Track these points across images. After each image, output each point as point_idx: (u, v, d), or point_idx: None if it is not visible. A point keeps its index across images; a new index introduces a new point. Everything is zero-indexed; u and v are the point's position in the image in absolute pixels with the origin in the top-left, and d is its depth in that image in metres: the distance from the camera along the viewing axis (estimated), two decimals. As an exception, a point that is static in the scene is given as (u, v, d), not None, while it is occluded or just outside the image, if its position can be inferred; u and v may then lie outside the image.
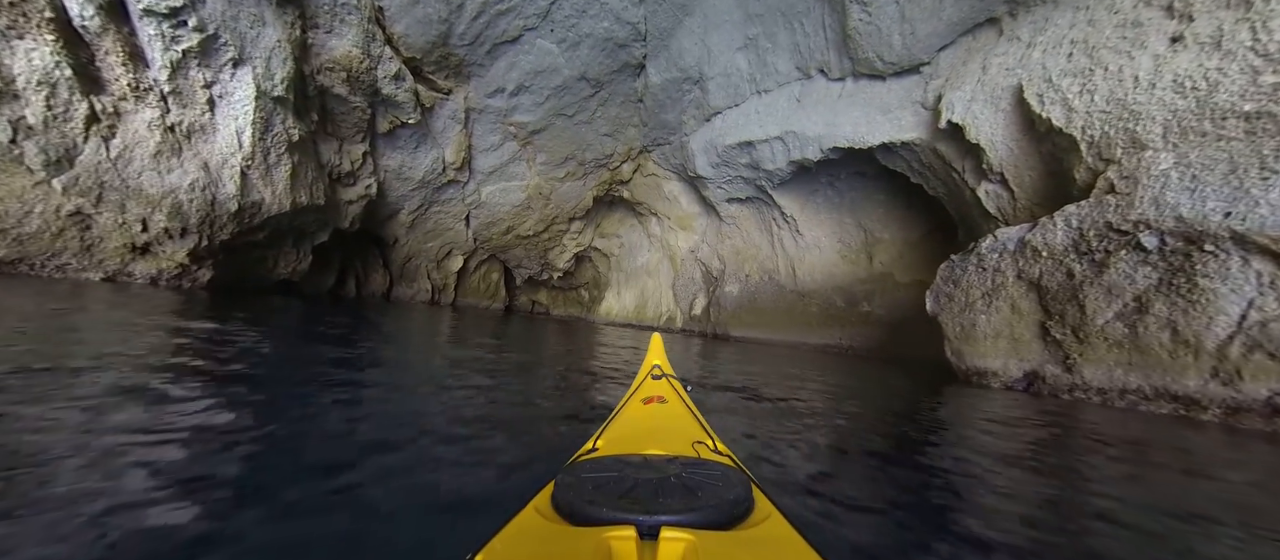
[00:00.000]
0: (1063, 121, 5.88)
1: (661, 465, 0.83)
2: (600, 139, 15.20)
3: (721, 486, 0.73)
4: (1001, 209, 7.21)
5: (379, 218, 14.49)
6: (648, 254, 17.60)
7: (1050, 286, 5.39)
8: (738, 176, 13.15)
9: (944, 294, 6.73)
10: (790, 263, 13.03)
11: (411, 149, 13.23)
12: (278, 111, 8.98)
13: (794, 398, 4.01)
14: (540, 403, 3.01)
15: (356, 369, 3.37)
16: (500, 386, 3.31)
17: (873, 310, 11.71)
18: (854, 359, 10.27)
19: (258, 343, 3.80)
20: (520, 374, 4.02)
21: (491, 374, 3.78)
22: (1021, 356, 5.61)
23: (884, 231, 11.61)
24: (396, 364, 3.85)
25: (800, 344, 12.50)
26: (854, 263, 12.15)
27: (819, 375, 6.21)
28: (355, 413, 2.27)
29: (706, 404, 3.27)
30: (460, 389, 3.11)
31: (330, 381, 2.91)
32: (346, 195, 12.20)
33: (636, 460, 0.86)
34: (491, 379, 3.55)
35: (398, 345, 5.03)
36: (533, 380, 3.80)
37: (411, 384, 3.13)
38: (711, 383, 4.46)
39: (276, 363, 3.26)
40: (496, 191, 16.02)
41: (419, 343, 5.50)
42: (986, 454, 2.72)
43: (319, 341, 4.56)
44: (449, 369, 3.83)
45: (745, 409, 3.41)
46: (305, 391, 2.59)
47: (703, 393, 3.75)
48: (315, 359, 3.59)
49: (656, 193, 16.12)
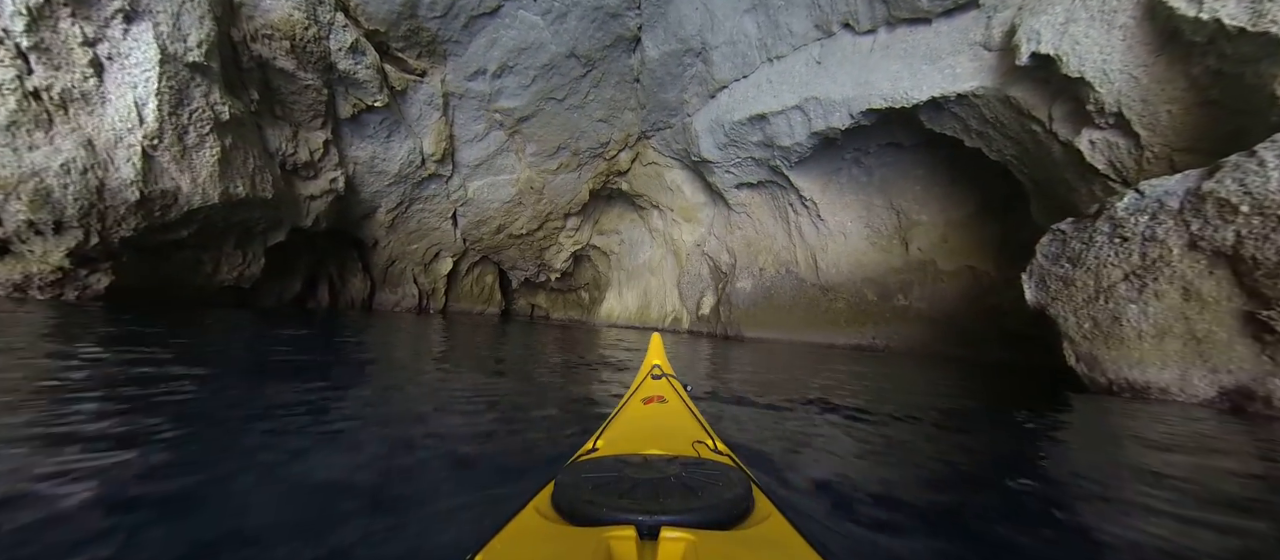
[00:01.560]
0: (1246, 18, 3.81)
1: (661, 465, 0.79)
2: (594, 125, 13.20)
3: (721, 486, 0.70)
4: (1118, 161, 5.13)
5: (352, 217, 12.54)
6: (650, 250, 15.57)
7: (1263, 259, 3.32)
8: (748, 157, 11.11)
9: (1053, 278, 4.66)
10: (811, 253, 10.96)
11: (383, 138, 11.29)
12: (197, 82, 7.05)
13: (848, 421, 2.64)
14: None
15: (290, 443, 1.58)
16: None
17: (911, 304, 9.62)
18: (892, 361, 8.21)
19: (144, 385, 2.17)
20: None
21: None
22: (1213, 364, 3.53)
23: (922, 212, 9.53)
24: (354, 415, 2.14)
25: (825, 344, 10.42)
26: (886, 250, 10.07)
27: (866, 385, 4.30)
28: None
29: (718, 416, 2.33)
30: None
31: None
32: (307, 189, 10.26)
33: (636, 460, 0.83)
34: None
35: (356, 377, 3.13)
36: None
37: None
38: (723, 394, 3.22)
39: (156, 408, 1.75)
40: (484, 187, 14.06)
41: (386, 372, 3.51)
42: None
43: (254, 376, 2.86)
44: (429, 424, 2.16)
45: (782, 438, 2.10)
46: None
47: (713, 406, 2.69)
48: (229, 409, 2.05)
49: (657, 183, 14.10)
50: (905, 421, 2.76)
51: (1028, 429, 2.88)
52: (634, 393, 1.63)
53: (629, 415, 1.35)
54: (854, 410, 2.92)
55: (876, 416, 2.77)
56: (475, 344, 5.91)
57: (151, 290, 7.79)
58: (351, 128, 10.64)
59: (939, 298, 9.23)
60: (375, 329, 7.02)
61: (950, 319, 9.02)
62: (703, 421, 1.22)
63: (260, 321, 6.74)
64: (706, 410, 1.70)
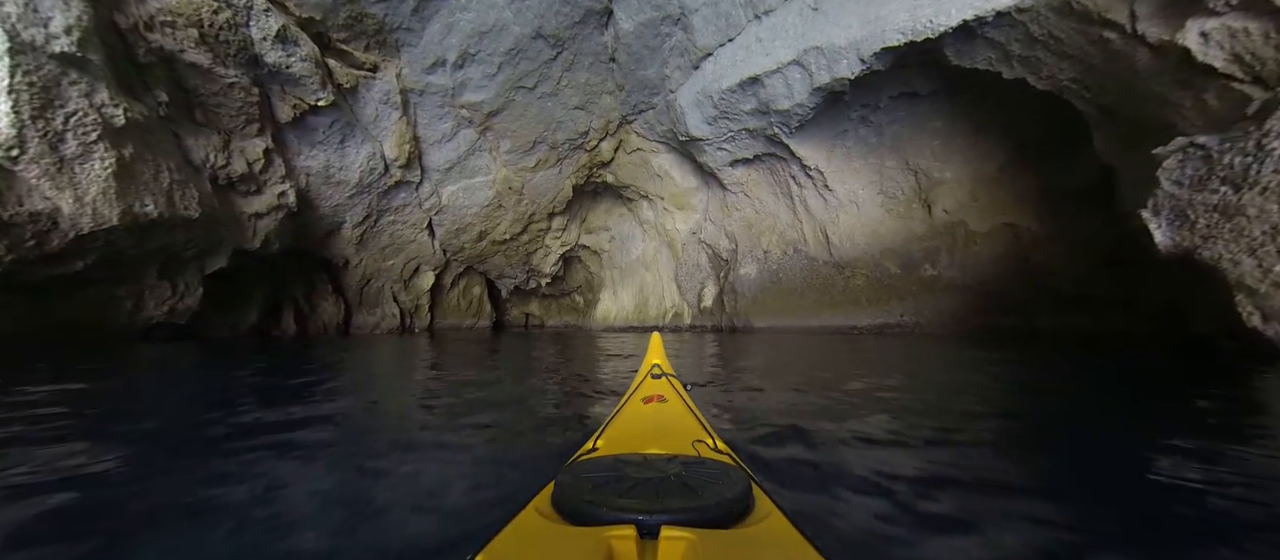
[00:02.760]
0: None
1: (661, 464, 0.76)
2: (571, 114, 11.74)
3: (722, 485, 0.67)
4: (1247, 53, 3.71)
5: (314, 234, 11.01)
6: (642, 244, 14.11)
7: None
8: (741, 130, 9.68)
9: (1201, 209, 3.23)
10: (820, 228, 9.54)
11: (336, 144, 9.77)
12: (72, 79, 5.53)
13: (911, 445, 1.58)
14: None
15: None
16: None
17: (940, 273, 8.21)
18: (927, 340, 6.80)
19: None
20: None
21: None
22: None
23: (944, 169, 8.13)
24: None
25: (846, 327, 9.00)
26: (905, 216, 8.66)
27: (915, 380, 3.10)
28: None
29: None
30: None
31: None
32: (249, 206, 8.73)
33: (636, 460, 0.79)
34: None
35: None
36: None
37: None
38: (730, 410, 2.12)
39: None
40: (459, 191, 12.56)
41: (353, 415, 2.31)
42: None
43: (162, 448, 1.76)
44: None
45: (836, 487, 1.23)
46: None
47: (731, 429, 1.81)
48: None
49: (644, 171, 12.64)
50: (1005, 430, 1.80)
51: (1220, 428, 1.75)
52: (634, 392, 1.53)
53: (629, 415, 1.29)
54: (907, 424, 1.86)
55: (949, 429, 1.77)
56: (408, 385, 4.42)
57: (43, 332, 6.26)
58: (296, 133, 9.12)
59: (973, 263, 7.83)
60: (336, 356, 5.53)
61: (988, 286, 7.62)
62: (703, 421, 1.16)
63: (203, 358, 5.24)
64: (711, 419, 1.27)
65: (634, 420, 1.24)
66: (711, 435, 1.03)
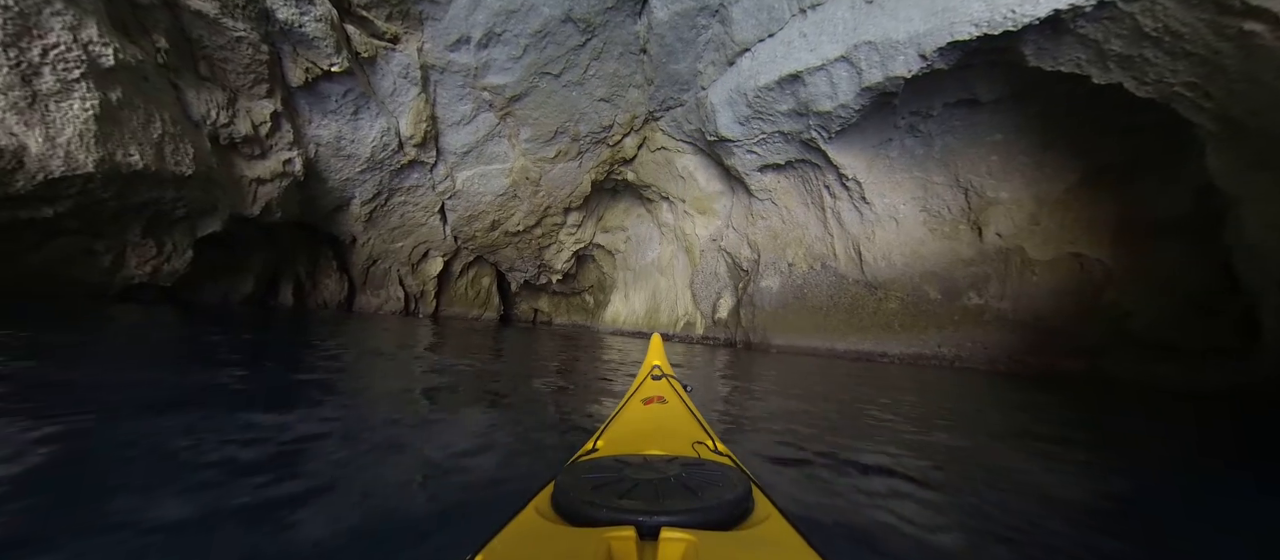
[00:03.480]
0: None
1: (661, 465, 0.74)
2: (596, 106, 11.03)
3: (722, 487, 0.65)
4: None
5: (321, 208, 10.45)
6: (659, 247, 13.30)
7: None
8: (775, 132, 8.83)
9: None
10: (853, 244, 8.62)
11: (349, 115, 9.19)
12: (55, 9, 4.96)
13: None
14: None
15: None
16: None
17: (988, 303, 7.22)
18: (975, 378, 5.86)
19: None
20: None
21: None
22: None
23: (1001, 188, 7.16)
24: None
25: (875, 354, 8.04)
26: (951, 237, 7.70)
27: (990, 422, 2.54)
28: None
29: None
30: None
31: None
32: (252, 171, 8.16)
33: (636, 460, 0.77)
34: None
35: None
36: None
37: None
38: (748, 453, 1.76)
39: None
40: (474, 177, 11.93)
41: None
42: None
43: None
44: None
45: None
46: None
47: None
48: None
49: (667, 171, 11.86)
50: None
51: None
52: (634, 393, 1.48)
53: (629, 415, 1.25)
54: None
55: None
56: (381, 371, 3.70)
57: (12, 285, 5.68)
58: (308, 99, 8.55)
59: (1029, 295, 6.83)
60: (344, 337, 4.84)
61: (1046, 322, 6.61)
62: (703, 422, 1.13)
63: (179, 328, 4.61)
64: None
65: (634, 421, 1.20)
66: (711, 436, 0.99)
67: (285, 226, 9.71)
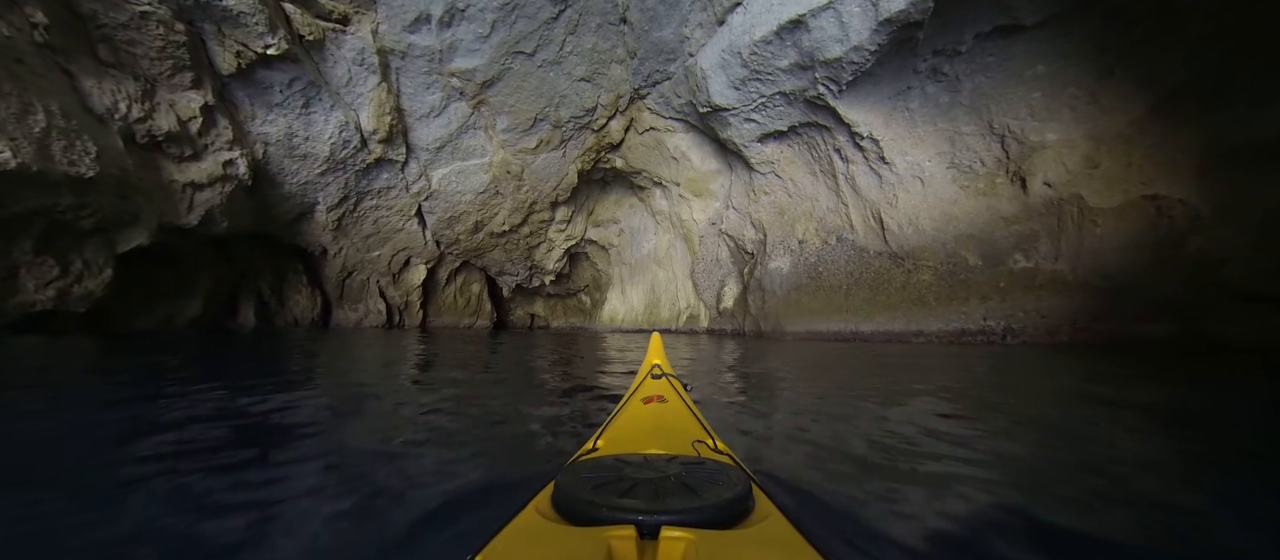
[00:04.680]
0: None
1: (661, 465, 0.72)
2: (576, 87, 9.80)
3: (722, 486, 0.63)
4: None
5: (279, 216, 9.20)
6: (655, 238, 12.06)
7: None
8: (776, 93, 7.61)
9: None
10: (872, 212, 7.39)
11: (298, 108, 7.95)
12: None
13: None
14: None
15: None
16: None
17: (1039, 264, 5.99)
18: (1027, 351, 4.65)
19: None
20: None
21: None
22: None
23: (1046, 129, 5.93)
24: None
25: (909, 333, 6.80)
26: (987, 193, 6.47)
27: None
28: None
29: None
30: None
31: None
32: (184, 174, 6.91)
33: (636, 460, 0.75)
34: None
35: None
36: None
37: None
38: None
39: None
40: (451, 175, 10.69)
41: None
42: None
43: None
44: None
45: None
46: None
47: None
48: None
49: (658, 153, 10.63)
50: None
51: None
52: (634, 392, 1.43)
53: (629, 415, 1.22)
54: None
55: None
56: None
57: None
58: (247, 90, 7.31)
59: (1091, 251, 5.59)
60: (294, 356, 3.59)
61: (1117, 281, 5.38)
62: (703, 421, 1.09)
63: (104, 354, 3.37)
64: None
65: (634, 420, 1.17)
66: (711, 435, 0.96)
67: (241, 239, 8.46)
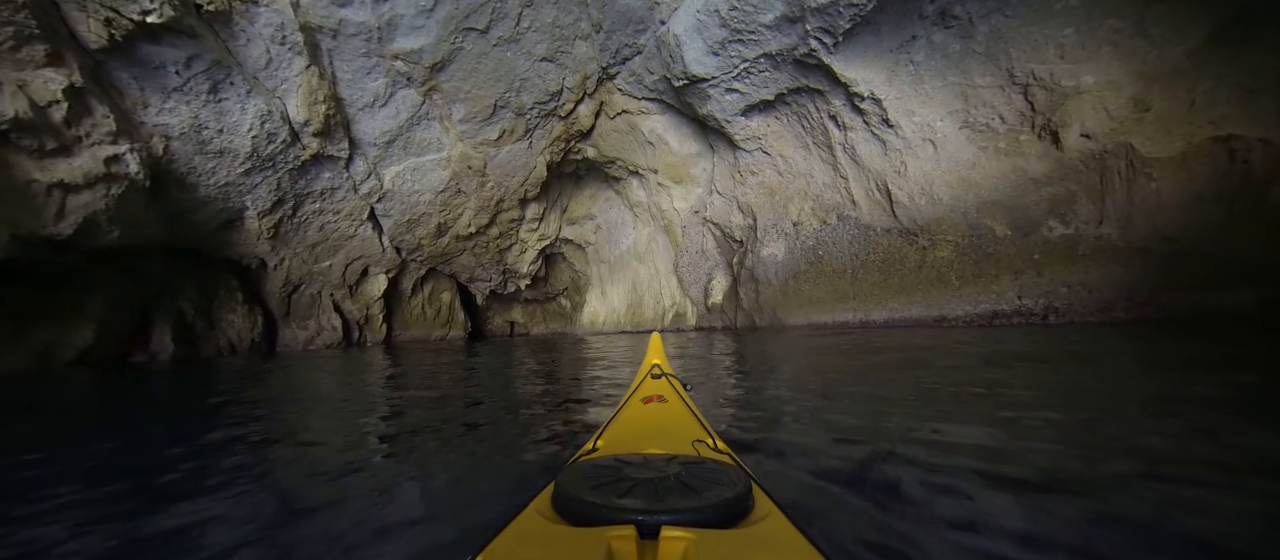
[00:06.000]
0: None
1: (661, 465, 0.69)
2: (538, 68, 8.53)
3: (722, 485, 0.61)
4: None
5: (199, 225, 7.71)
6: (633, 232, 10.84)
7: None
8: (761, 55, 6.46)
9: None
10: (877, 183, 6.28)
11: (205, 94, 6.52)
12: None
13: None
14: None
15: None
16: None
17: (1080, 230, 4.93)
18: (1075, 331, 3.57)
19: None
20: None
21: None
22: None
23: (1082, 71, 4.88)
24: None
25: (927, 320, 5.68)
26: (1011, 151, 5.40)
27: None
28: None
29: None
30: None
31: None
32: (48, 173, 5.45)
33: (636, 460, 0.72)
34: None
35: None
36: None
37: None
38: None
39: None
40: (405, 172, 9.32)
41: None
42: None
43: None
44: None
45: None
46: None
47: None
48: None
49: (632, 139, 9.43)
50: None
51: None
52: (634, 392, 1.39)
53: (629, 415, 1.18)
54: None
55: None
56: None
57: None
58: (131, 71, 5.88)
59: (1145, 210, 4.54)
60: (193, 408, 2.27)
61: (1182, 244, 4.33)
62: (703, 420, 1.05)
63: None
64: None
65: (634, 420, 1.14)
66: (711, 435, 0.93)
67: (151, 253, 6.98)
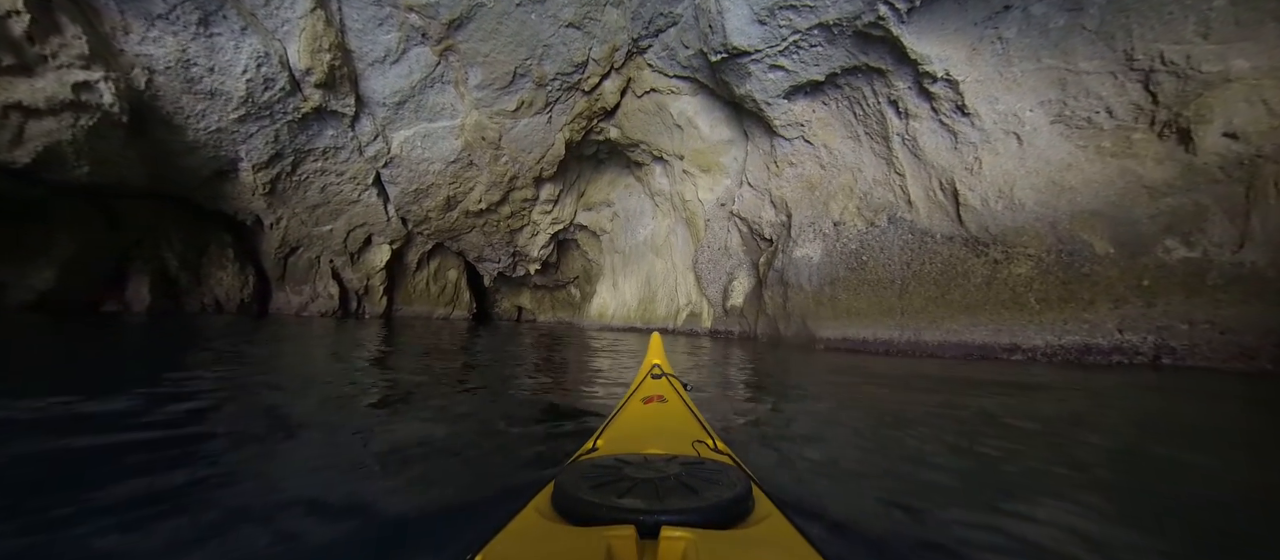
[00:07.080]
0: None
1: (661, 465, 0.68)
2: (563, 35, 7.62)
3: (722, 485, 0.60)
4: None
5: (188, 172, 7.02)
6: (652, 222, 9.91)
7: None
8: (815, 25, 5.45)
9: None
10: (941, 181, 5.24)
11: (193, 25, 5.77)
12: None
13: None
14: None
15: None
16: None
17: (1210, 255, 3.84)
18: (1202, 379, 2.52)
19: None
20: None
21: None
22: None
23: (1230, 53, 3.78)
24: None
25: (995, 348, 4.64)
26: (1120, 152, 4.32)
27: None
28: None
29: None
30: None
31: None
32: (6, 92, 4.76)
33: (636, 460, 0.71)
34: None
35: None
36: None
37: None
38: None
39: None
40: (415, 138, 8.53)
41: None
42: None
43: None
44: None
45: None
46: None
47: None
48: None
49: (659, 121, 8.48)
50: None
51: None
52: (634, 392, 1.36)
53: (629, 415, 1.15)
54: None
55: None
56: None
57: None
58: (110, -10, 5.15)
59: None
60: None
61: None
62: (703, 421, 1.03)
63: None
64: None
65: (634, 420, 1.11)
66: (711, 435, 0.91)
67: (134, 197, 6.31)
